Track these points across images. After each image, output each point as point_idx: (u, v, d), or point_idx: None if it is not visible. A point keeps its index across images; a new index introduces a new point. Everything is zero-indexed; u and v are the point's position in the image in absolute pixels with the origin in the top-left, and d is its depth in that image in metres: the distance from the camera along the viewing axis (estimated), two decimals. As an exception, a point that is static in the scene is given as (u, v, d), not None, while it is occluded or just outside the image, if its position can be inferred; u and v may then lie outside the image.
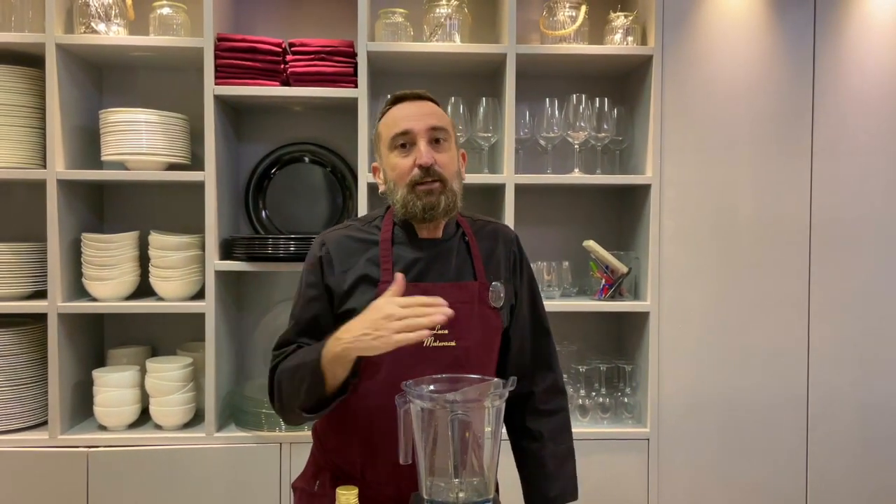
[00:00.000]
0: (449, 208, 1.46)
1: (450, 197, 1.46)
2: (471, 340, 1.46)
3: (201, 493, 2.27)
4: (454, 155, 1.51)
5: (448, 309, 1.26)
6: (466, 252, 1.54)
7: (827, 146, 2.41)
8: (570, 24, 2.42)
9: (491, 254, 1.56)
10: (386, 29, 2.42)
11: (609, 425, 2.42)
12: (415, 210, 1.44)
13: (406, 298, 1.30)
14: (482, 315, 1.49)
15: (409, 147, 1.46)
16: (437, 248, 1.50)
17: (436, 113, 1.49)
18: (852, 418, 2.44)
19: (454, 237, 1.54)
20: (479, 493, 1.25)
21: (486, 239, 1.57)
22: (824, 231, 2.42)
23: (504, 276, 1.56)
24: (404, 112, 1.48)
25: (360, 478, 1.51)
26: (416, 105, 1.49)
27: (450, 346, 1.44)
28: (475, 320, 1.48)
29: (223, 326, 2.38)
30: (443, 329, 1.40)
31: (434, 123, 1.46)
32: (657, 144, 2.37)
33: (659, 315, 2.38)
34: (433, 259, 1.49)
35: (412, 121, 1.45)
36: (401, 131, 1.45)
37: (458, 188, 1.49)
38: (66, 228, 2.30)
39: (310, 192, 2.62)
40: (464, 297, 1.47)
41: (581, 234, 2.57)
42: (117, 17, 2.33)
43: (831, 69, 2.40)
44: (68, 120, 2.32)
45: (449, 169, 1.46)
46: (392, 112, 1.50)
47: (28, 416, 2.31)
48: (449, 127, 1.50)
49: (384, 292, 1.35)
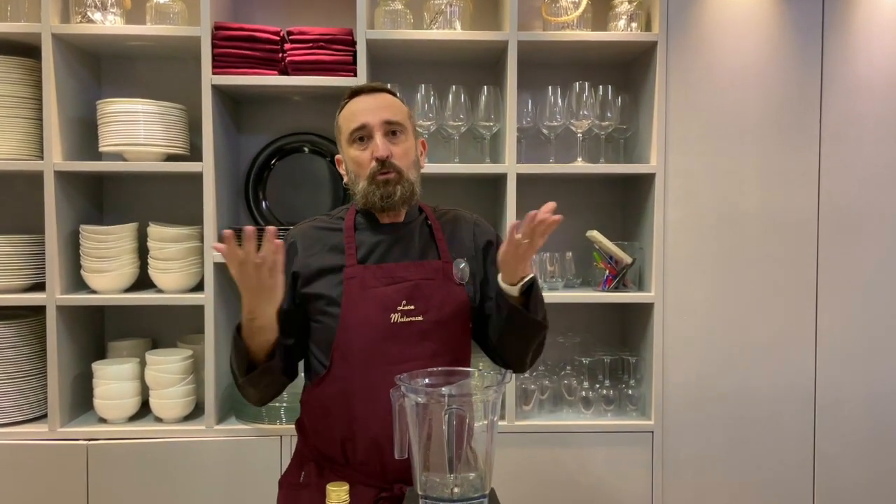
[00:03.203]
0: (406, 197, 1.55)
1: (406, 186, 1.55)
2: (437, 314, 1.54)
3: (201, 486, 2.25)
4: (411, 146, 1.58)
5: (274, 239, 1.35)
6: (430, 235, 1.63)
7: (835, 135, 2.36)
8: (572, 11, 2.38)
9: (453, 235, 1.65)
10: (385, 16, 2.38)
11: (613, 418, 2.39)
12: (374, 199, 1.53)
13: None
14: (447, 290, 1.57)
15: (367, 140, 1.54)
16: (399, 232, 1.60)
17: (391, 106, 1.56)
18: (860, 410, 2.40)
19: (415, 221, 1.63)
20: (475, 488, 1.22)
21: (448, 223, 1.67)
22: (831, 221, 2.37)
23: (469, 254, 1.64)
24: (361, 105, 1.56)
25: (342, 461, 1.55)
26: (372, 98, 1.57)
27: (417, 321, 1.53)
28: (441, 295, 1.56)
29: (223, 318, 2.36)
30: (409, 305, 1.52)
31: (389, 117, 1.54)
32: (662, 133, 2.33)
33: (663, 306, 2.35)
34: (395, 241, 1.59)
35: (368, 115, 1.53)
36: (358, 126, 1.54)
37: (414, 177, 1.58)
38: (64, 220, 2.29)
39: (310, 183, 2.59)
40: (428, 273, 1.56)
41: (584, 224, 2.54)
42: (114, 6, 2.30)
43: (840, 57, 2.35)
44: (65, 111, 2.30)
45: (405, 160, 1.55)
46: (350, 106, 1.58)
47: (28, 409, 2.30)
48: (404, 119, 1.58)
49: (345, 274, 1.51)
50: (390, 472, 1.52)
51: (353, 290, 1.52)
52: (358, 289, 1.52)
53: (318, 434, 1.59)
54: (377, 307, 1.51)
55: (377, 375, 1.48)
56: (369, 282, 1.52)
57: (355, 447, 1.53)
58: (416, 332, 1.52)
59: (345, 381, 1.52)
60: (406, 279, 1.54)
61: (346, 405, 1.53)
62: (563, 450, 2.34)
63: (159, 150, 2.30)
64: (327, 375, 1.54)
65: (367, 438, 1.51)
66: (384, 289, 1.52)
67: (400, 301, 1.52)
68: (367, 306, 1.51)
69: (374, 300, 1.51)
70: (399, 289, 1.53)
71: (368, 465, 1.53)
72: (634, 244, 2.45)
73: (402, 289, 1.53)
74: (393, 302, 1.52)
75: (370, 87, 1.60)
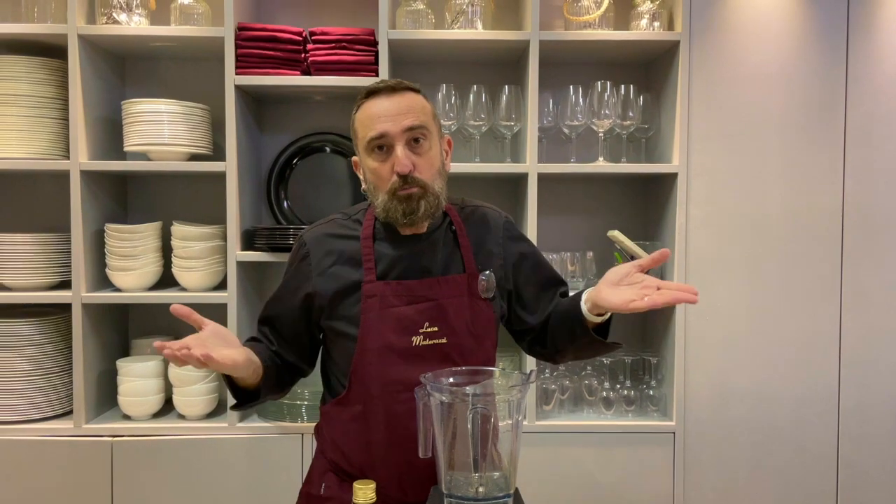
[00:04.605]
0: (430, 212, 1.43)
1: (431, 200, 1.41)
2: (461, 335, 1.44)
3: (223, 483, 2.27)
4: (435, 152, 1.44)
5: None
6: (454, 243, 1.50)
7: (861, 135, 2.34)
8: (594, 10, 2.37)
9: (480, 242, 1.52)
10: (407, 16, 2.39)
11: (634, 418, 2.38)
12: (395, 215, 1.41)
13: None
14: (473, 308, 1.47)
15: (387, 150, 1.40)
16: (422, 244, 1.47)
17: (412, 108, 1.41)
18: (885, 412, 2.37)
19: (439, 229, 1.50)
20: (500, 487, 1.22)
21: (475, 225, 1.54)
22: (857, 222, 2.35)
23: (496, 263, 1.52)
24: (379, 109, 1.40)
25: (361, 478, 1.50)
26: (391, 100, 1.40)
27: (440, 343, 1.43)
28: (465, 315, 1.45)
29: (245, 317, 2.38)
30: (432, 326, 1.41)
31: (410, 123, 1.39)
32: (684, 132, 2.31)
33: (685, 307, 2.33)
34: (417, 255, 1.46)
35: (388, 122, 1.38)
36: (376, 134, 1.39)
37: (440, 187, 1.44)
38: (89, 219, 2.31)
39: (331, 183, 2.60)
40: (453, 291, 1.45)
41: (605, 223, 2.53)
42: (139, 7, 2.32)
43: (865, 56, 2.33)
44: (91, 111, 2.33)
45: (429, 171, 1.41)
46: (367, 107, 1.42)
47: (53, 406, 2.33)
48: (427, 121, 1.43)
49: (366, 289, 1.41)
50: (411, 495, 1.45)
51: (372, 309, 1.41)
52: (377, 308, 1.41)
53: (337, 450, 1.52)
54: (398, 329, 1.41)
55: (398, 403, 1.41)
56: (390, 300, 1.41)
57: (376, 475, 1.42)
58: (438, 355, 1.42)
59: (364, 406, 1.44)
60: (429, 298, 1.43)
61: (365, 431, 1.46)
62: (584, 450, 2.34)
63: (183, 150, 2.32)
64: (345, 398, 1.46)
65: (389, 467, 1.44)
66: (405, 308, 1.42)
67: (422, 323, 1.42)
68: (387, 328, 1.41)
69: (395, 321, 1.41)
70: (421, 309, 1.42)
71: (388, 488, 1.44)
72: (656, 244, 2.44)
73: (425, 309, 1.43)
74: (415, 324, 1.42)
75: (389, 87, 1.43)
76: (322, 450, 1.59)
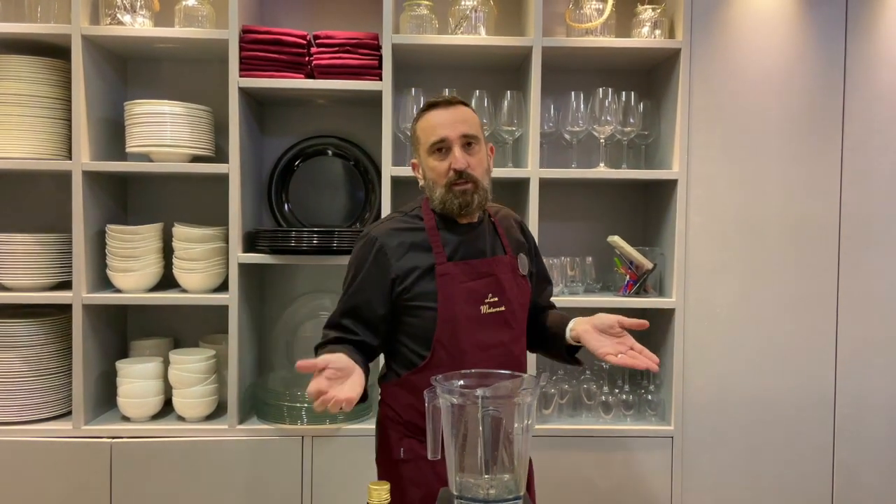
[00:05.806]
0: (481, 204, 1.70)
1: (482, 194, 1.69)
2: (514, 304, 1.73)
3: (223, 485, 2.27)
4: (483, 155, 1.72)
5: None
6: (494, 232, 1.80)
7: (858, 143, 2.37)
8: (596, 17, 2.40)
9: (508, 232, 1.83)
10: (411, 21, 2.40)
11: (632, 423, 2.40)
12: (452, 206, 1.68)
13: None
14: (517, 282, 1.76)
15: (445, 151, 1.68)
16: (475, 231, 1.75)
17: (467, 119, 1.69)
18: (880, 418, 2.40)
19: (485, 220, 1.79)
20: (510, 489, 1.23)
21: (502, 219, 1.85)
22: (854, 228, 2.38)
23: (523, 249, 1.84)
24: (439, 119, 1.68)
25: None
26: (448, 112, 1.69)
27: (500, 311, 1.71)
28: (514, 287, 1.74)
29: (246, 319, 2.38)
30: (494, 297, 1.70)
31: (466, 131, 1.67)
32: (684, 139, 2.34)
33: (684, 312, 2.35)
34: (473, 240, 1.74)
35: (447, 129, 1.66)
36: (438, 139, 1.67)
37: (487, 184, 1.72)
38: (90, 220, 2.31)
39: (333, 186, 2.61)
40: (503, 269, 1.74)
41: (606, 229, 2.55)
42: (143, 8, 2.33)
43: (863, 64, 2.36)
44: (94, 111, 2.33)
45: (479, 170, 1.69)
46: (428, 118, 1.70)
47: (53, 407, 2.32)
48: (478, 130, 1.71)
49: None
50: None
51: (446, 285, 1.66)
52: (451, 284, 1.67)
53: (416, 410, 1.67)
54: (469, 300, 1.68)
55: (474, 360, 1.64)
56: (459, 277, 1.68)
57: None
58: (501, 321, 1.71)
59: (446, 368, 1.57)
60: (488, 274, 1.71)
61: None
62: (583, 454, 2.35)
63: (185, 152, 2.32)
64: (427, 365, 1.67)
65: None
66: (472, 283, 1.68)
67: (486, 294, 1.69)
68: (461, 300, 1.67)
69: (466, 294, 1.68)
70: (485, 283, 1.70)
71: None
72: (655, 250, 2.46)
73: (488, 283, 1.70)
74: (481, 295, 1.69)
75: (446, 101, 1.71)
76: (397, 418, 1.73)
